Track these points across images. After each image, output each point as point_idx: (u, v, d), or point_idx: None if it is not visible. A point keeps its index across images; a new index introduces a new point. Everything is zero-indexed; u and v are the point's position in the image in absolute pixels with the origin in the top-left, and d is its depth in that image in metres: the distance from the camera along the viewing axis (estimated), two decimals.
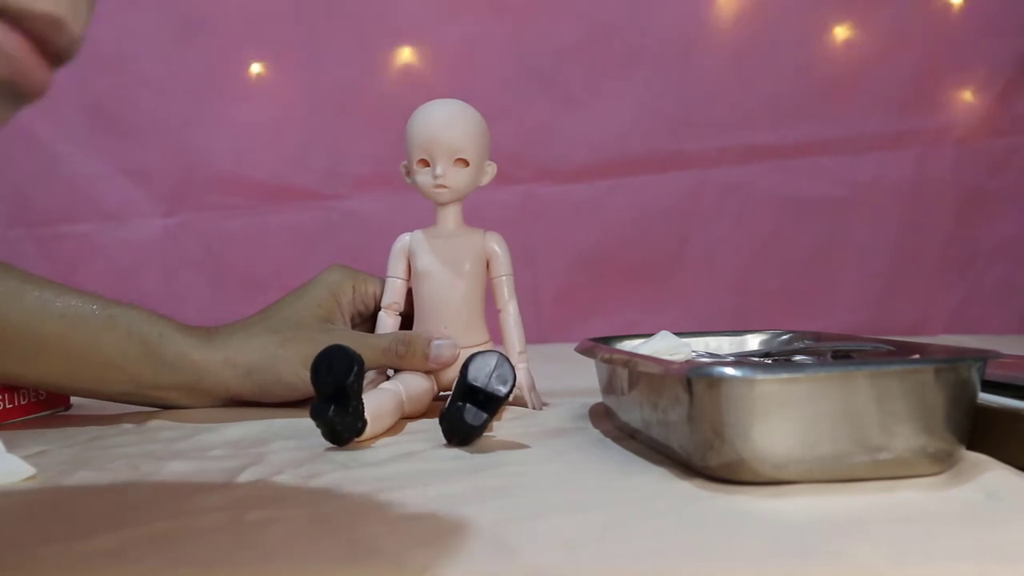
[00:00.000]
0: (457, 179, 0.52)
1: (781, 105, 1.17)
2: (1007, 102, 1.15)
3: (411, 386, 0.50)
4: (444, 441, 0.42)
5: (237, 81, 1.21)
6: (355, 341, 0.52)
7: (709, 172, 1.18)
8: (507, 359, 0.41)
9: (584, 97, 1.19)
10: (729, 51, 1.17)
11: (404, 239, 0.55)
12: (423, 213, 0.57)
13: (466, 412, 0.40)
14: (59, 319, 0.50)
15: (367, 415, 0.42)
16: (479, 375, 0.41)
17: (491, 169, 0.54)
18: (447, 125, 0.51)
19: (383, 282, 0.56)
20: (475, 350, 0.47)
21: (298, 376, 0.52)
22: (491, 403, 0.41)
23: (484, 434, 0.43)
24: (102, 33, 1.19)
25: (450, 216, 0.54)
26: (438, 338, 0.52)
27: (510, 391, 0.41)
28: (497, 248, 0.54)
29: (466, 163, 0.52)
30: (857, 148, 1.17)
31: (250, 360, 0.53)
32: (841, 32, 1.17)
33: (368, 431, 0.42)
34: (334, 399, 0.40)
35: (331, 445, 0.42)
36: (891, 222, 1.18)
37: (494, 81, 1.17)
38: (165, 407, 0.55)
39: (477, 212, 0.56)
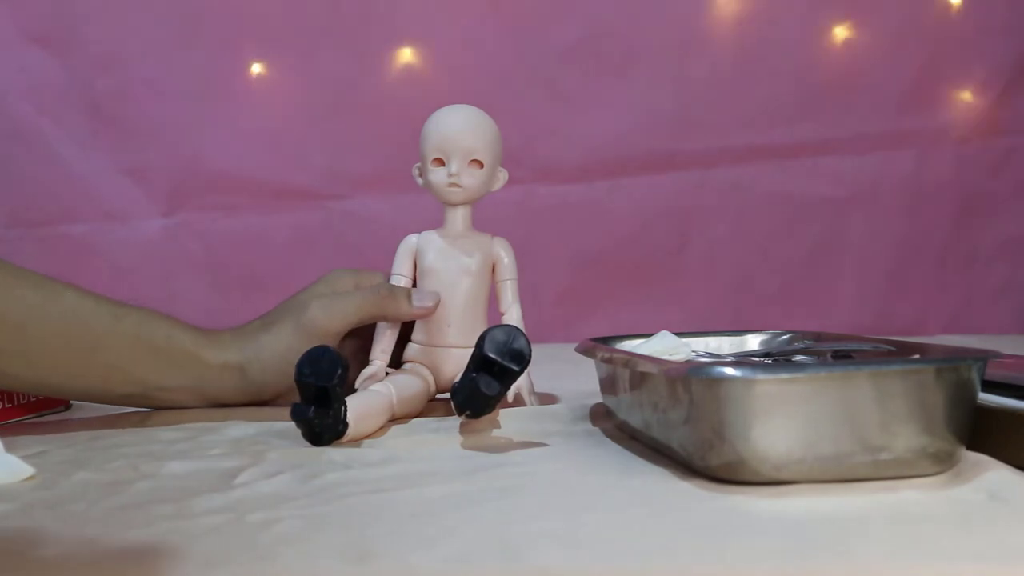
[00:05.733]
0: (470, 179, 0.52)
1: (781, 105, 1.17)
2: (1007, 102, 1.15)
3: (403, 387, 0.50)
4: (444, 442, 0.42)
5: (237, 81, 1.21)
6: (339, 295, 0.53)
7: (709, 172, 1.18)
8: (523, 332, 0.41)
9: (584, 97, 1.18)
10: (729, 51, 1.17)
11: (411, 240, 0.55)
12: (423, 213, 0.57)
13: (480, 381, 0.40)
14: (60, 318, 0.48)
15: (351, 417, 0.42)
16: (495, 347, 0.40)
17: (503, 176, 0.55)
18: (464, 126, 0.52)
19: (386, 275, 0.56)
20: None
21: (285, 360, 0.51)
22: (506, 376, 0.40)
23: (484, 434, 0.43)
24: (102, 33, 1.18)
25: (459, 218, 0.54)
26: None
27: (526, 364, 0.40)
28: (504, 254, 0.54)
29: (480, 165, 0.52)
30: (857, 148, 1.17)
31: (243, 359, 0.53)
32: (841, 32, 1.17)
33: (351, 433, 0.42)
34: (316, 400, 0.40)
35: (330, 445, 0.42)
36: (891, 222, 1.18)
37: (494, 81, 1.17)
38: (166, 408, 0.55)
39: (477, 212, 0.56)
